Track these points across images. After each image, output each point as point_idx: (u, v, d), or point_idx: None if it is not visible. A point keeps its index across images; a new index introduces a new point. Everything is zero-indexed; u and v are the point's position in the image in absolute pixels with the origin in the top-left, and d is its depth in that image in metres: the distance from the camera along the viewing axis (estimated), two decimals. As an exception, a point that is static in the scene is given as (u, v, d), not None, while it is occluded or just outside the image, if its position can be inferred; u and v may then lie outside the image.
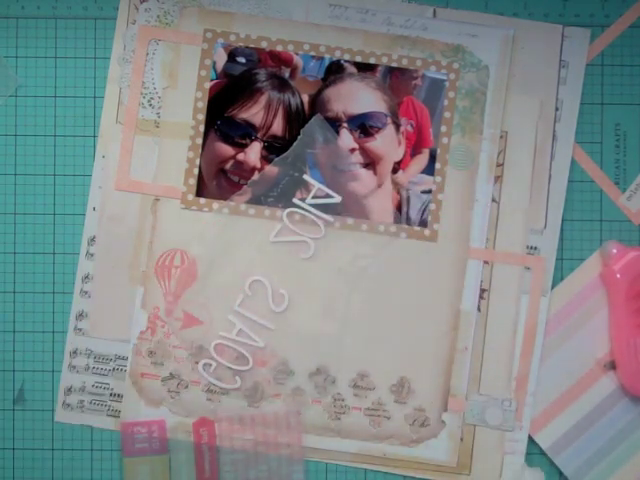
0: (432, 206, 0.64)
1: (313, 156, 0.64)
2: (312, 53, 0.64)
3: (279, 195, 0.64)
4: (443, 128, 0.64)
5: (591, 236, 0.65)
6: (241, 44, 0.64)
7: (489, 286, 0.64)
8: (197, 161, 0.64)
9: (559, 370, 0.64)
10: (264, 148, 0.64)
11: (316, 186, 0.64)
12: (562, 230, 0.64)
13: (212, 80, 0.64)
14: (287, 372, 0.64)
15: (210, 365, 0.64)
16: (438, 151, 0.64)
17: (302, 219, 0.64)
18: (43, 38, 0.65)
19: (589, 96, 0.65)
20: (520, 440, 0.64)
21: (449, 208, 0.64)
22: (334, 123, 0.64)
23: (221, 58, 0.64)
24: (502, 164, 0.64)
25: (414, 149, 0.64)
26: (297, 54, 0.64)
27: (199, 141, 0.64)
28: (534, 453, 0.64)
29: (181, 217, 0.64)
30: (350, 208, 0.64)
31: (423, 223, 0.64)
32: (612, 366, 0.64)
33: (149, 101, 0.64)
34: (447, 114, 0.64)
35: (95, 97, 0.65)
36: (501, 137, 0.64)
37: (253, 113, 0.64)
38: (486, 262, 0.64)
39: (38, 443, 0.64)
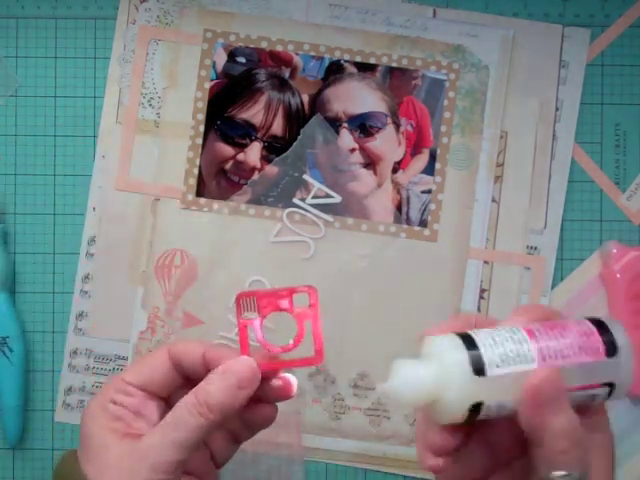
0: (432, 206, 0.64)
1: (313, 156, 0.64)
2: (312, 53, 0.64)
3: (279, 195, 0.64)
4: (443, 128, 0.64)
5: (591, 236, 0.65)
6: (241, 44, 0.64)
7: (489, 286, 0.64)
8: (197, 161, 0.64)
9: (559, 370, 0.64)
10: (264, 148, 0.64)
11: (316, 186, 0.64)
12: (562, 230, 0.64)
13: (212, 80, 0.64)
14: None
15: (210, 365, 0.63)
16: (438, 151, 0.64)
17: (302, 219, 0.64)
18: (43, 38, 0.65)
19: (589, 96, 0.65)
20: (520, 440, 0.64)
21: (449, 208, 0.64)
22: (334, 123, 0.64)
23: (221, 58, 0.64)
24: (502, 164, 0.64)
25: (414, 149, 0.64)
26: (297, 54, 0.64)
27: (199, 141, 0.64)
28: (534, 453, 0.64)
29: (181, 217, 0.64)
30: (350, 208, 0.64)
31: (423, 223, 0.64)
32: (612, 366, 0.64)
33: (149, 101, 0.64)
34: (447, 114, 0.64)
35: (95, 97, 0.65)
36: (501, 137, 0.64)
37: (253, 113, 0.64)
38: (486, 262, 0.64)
39: (38, 443, 0.64)
